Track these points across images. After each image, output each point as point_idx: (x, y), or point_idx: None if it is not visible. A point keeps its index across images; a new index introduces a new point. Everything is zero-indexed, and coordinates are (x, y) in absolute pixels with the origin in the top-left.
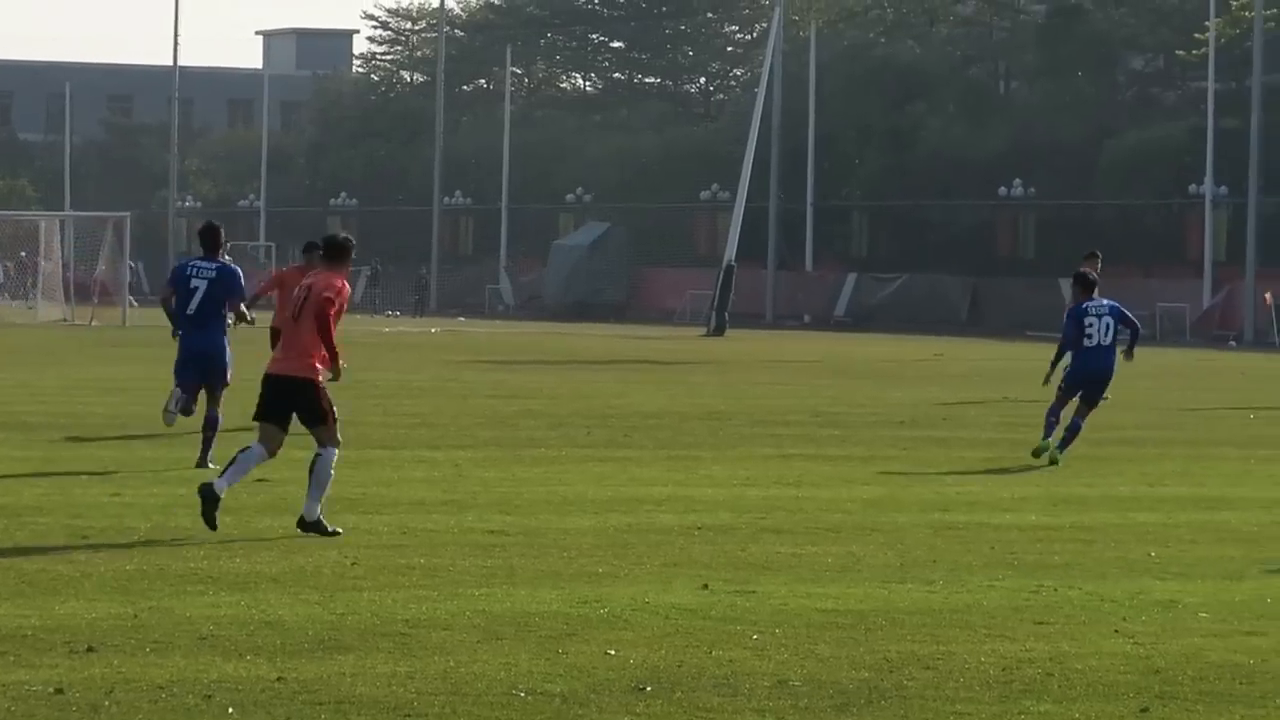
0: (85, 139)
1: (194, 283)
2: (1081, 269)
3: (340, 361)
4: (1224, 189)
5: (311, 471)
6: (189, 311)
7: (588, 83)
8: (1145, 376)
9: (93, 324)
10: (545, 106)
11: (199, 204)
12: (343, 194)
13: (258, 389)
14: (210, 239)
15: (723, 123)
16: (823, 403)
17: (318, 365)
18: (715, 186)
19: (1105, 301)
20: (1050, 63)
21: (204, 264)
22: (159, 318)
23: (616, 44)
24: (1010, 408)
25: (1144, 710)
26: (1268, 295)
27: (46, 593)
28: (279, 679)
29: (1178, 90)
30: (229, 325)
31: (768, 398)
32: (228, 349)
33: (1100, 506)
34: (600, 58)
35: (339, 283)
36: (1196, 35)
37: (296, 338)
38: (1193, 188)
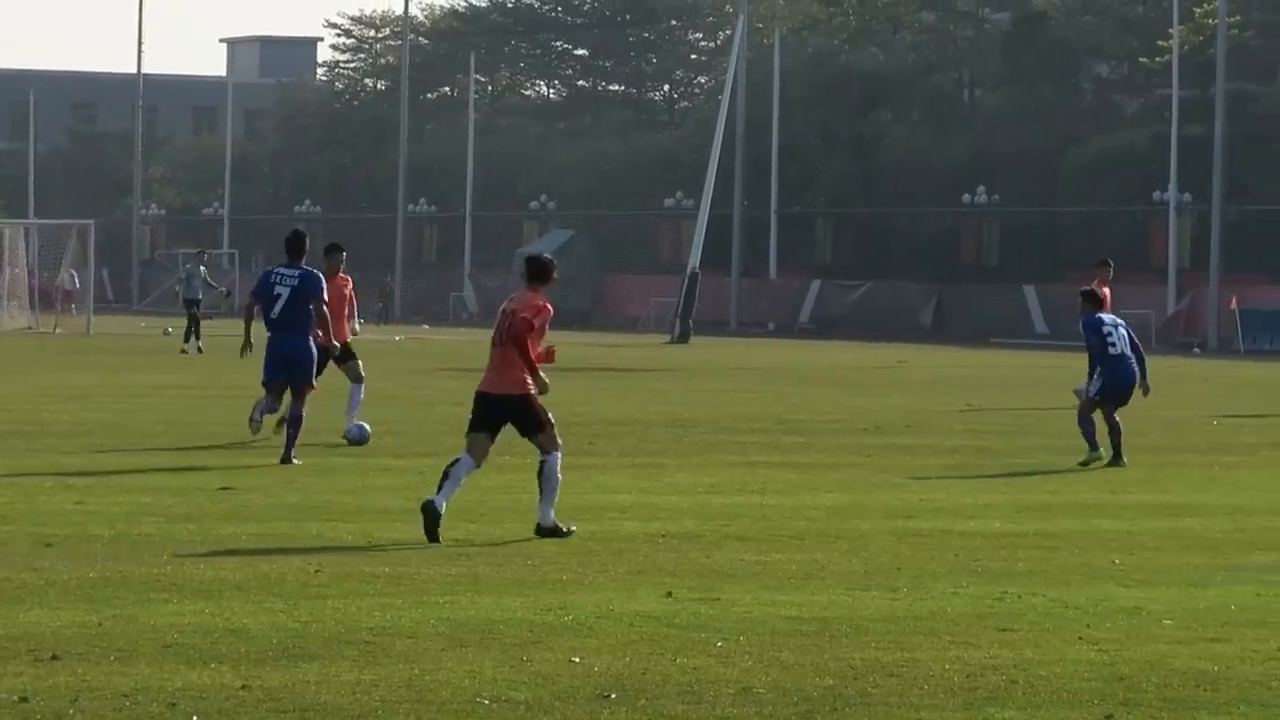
0: (49, 146)
1: (278, 289)
2: (1087, 287)
3: (542, 376)
4: (1188, 196)
5: (541, 477)
6: (273, 316)
7: (552, 90)
8: None
9: (57, 332)
10: (509, 114)
11: (163, 211)
12: (307, 201)
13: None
14: (296, 246)
15: (687, 130)
16: (787, 410)
17: (528, 380)
18: (679, 194)
19: (1114, 317)
20: (1014, 70)
21: (287, 271)
22: (123, 325)
23: (580, 51)
24: (974, 415)
25: (1108, 717)
26: (1233, 301)
27: (10, 601)
28: (243, 687)
29: (1141, 98)
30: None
31: (732, 405)
32: (314, 353)
33: (1064, 513)
34: (564, 65)
35: (540, 304)
36: (1160, 43)
37: (506, 358)
38: (1157, 195)
